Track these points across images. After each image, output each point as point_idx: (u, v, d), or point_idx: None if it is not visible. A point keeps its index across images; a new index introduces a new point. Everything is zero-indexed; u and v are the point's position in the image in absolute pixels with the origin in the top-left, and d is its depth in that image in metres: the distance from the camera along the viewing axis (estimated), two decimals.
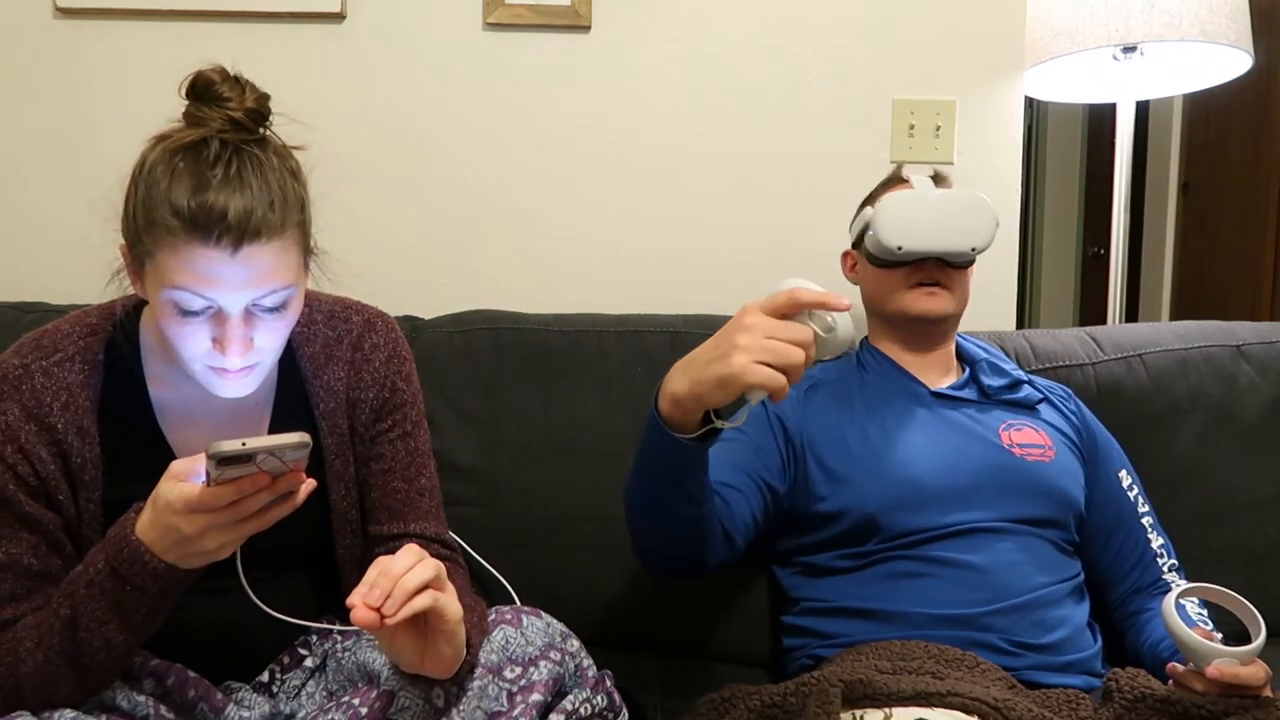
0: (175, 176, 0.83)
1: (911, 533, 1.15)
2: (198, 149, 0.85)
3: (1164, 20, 1.64)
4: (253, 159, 0.86)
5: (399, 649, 0.84)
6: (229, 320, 0.85)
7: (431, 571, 0.80)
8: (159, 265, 0.84)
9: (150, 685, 0.94)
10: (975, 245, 1.23)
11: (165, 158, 0.85)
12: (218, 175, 0.83)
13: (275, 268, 0.85)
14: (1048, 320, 3.96)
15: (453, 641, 0.85)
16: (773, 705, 0.96)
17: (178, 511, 0.79)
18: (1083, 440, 1.29)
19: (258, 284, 0.85)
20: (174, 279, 0.83)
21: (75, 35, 1.65)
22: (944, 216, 1.22)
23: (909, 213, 1.23)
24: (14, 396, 0.91)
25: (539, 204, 1.70)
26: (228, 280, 0.83)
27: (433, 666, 0.85)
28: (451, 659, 0.86)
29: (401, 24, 1.67)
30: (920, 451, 1.19)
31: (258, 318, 0.87)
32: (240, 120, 0.86)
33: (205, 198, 0.82)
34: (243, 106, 0.87)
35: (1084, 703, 1.01)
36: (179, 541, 0.81)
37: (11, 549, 0.90)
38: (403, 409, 1.06)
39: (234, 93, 0.87)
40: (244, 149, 0.86)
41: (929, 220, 1.22)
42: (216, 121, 0.85)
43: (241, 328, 0.86)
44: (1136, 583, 1.25)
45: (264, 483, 0.79)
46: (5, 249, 1.67)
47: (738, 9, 1.68)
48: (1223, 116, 2.81)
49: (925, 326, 1.28)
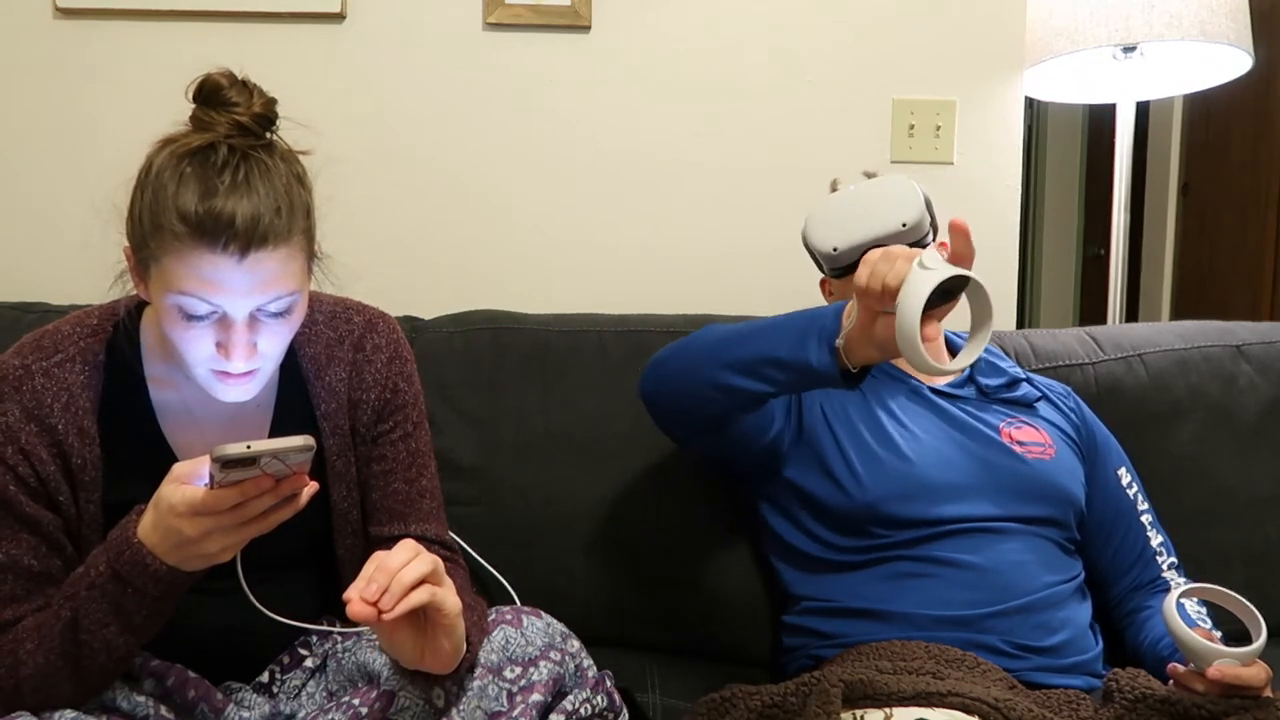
0: (183, 181, 0.83)
1: (912, 524, 1.14)
2: (205, 154, 0.84)
3: (1164, 20, 1.64)
4: (260, 165, 0.85)
5: (398, 644, 0.84)
6: (233, 325, 0.85)
7: (428, 566, 0.81)
8: (165, 270, 0.83)
9: (150, 686, 0.94)
10: (905, 221, 1.19)
11: (172, 162, 0.84)
12: (225, 181, 0.83)
13: (281, 274, 0.85)
14: (1048, 320, 3.96)
15: (452, 636, 0.85)
16: (773, 705, 0.96)
17: (180, 514, 0.79)
18: (1082, 438, 1.29)
19: (263, 290, 0.85)
20: (180, 284, 0.83)
21: (75, 35, 1.65)
22: (866, 206, 1.21)
23: (830, 214, 1.23)
24: (14, 397, 0.91)
25: (539, 204, 1.70)
26: (234, 286, 0.83)
27: (433, 662, 0.85)
28: (451, 654, 0.86)
29: (401, 24, 1.67)
30: (921, 445, 1.19)
31: (262, 323, 0.87)
32: (247, 125, 0.86)
33: (213, 204, 0.81)
34: (250, 111, 0.87)
35: (1084, 703, 1.01)
36: (181, 544, 0.81)
37: (12, 550, 0.90)
38: (404, 410, 1.06)
39: (241, 97, 0.87)
40: (251, 154, 0.85)
41: (852, 214, 1.21)
42: (223, 126, 0.85)
43: (246, 333, 0.86)
44: (1136, 581, 1.25)
45: (267, 486, 0.79)
46: (5, 249, 1.67)
47: (738, 9, 1.68)
48: (1223, 117, 2.81)
49: None
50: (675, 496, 1.36)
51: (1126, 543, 1.25)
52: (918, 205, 1.19)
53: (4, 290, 1.63)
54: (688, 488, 1.36)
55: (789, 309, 1.62)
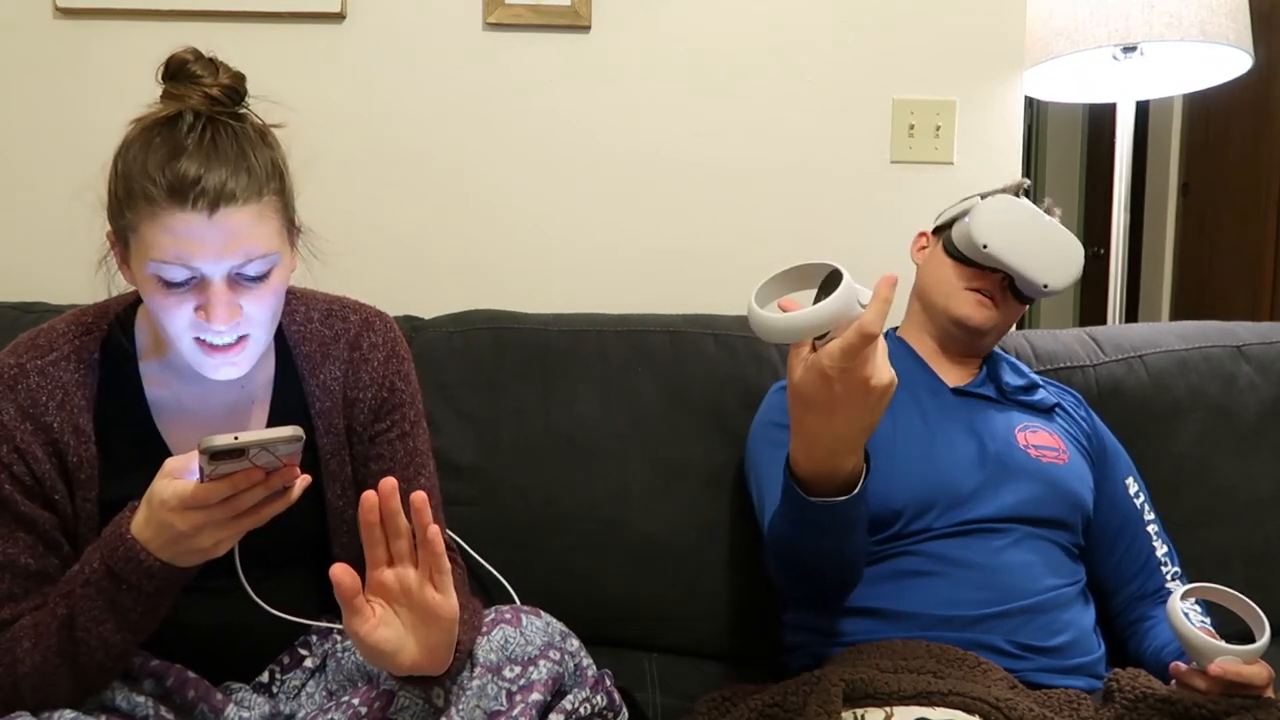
0: (152, 149, 0.85)
1: (925, 530, 1.14)
2: (173, 122, 0.86)
3: (1164, 20, 1.64)
4: (227, 128, 0.87)
5: (381, 646, 0.81)
6: (211, 285, 0.85)
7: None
8: (141, 238, 0.84)
9: (150, 686, 0.94)
10: (1049, 283, 1.21)
11: (141, 134, 0.86)
12: (191, 142, 0.85)
13: (253, 233, 0.86)
14: (1048, 320, 3.96)
15: (446, 635, 0.83)
16: (773, 705, 0.96)
17: (172, 509, 0.79)
18: (1093, 446, 1.29)
19: (236, 247, 0.85)
20: (155, 248, 0.84)
21: (75, 35, 1.65)
22: (1039, 241, 1.21)
23: (1010, 219, 1.21)
24: (9, 396, 0.91)
25: (539, 204, 1.70)
26: (206, 244, 0.83)
27: (427, 659, 0.83)
28: (444, 651, 0.84)
29: (401, 24, 1.67)
30: (942, 449, 1.19)
31: (242, 286, 0.87)
32: (216, 96, 0.88)
33: (179, 164, 0.83)
34: (218, 83, 0.88)
35: (1085, 702, 1.01)
36: (174, 539, 0.81)
37: (8, 549, 0.90)
38: (401, 409, 1.05)
39: (207, 71, 0.89)
40: (218, 119, 0.87)
41: (1025, 236, 1.21)
42: (193, 98, 0.87)
43: (226, 293, 0.86)
44: (1139, 589, 1.24)
45: (258, 478, 0.79)
46: (5, 249, 1.67)
47: (738, 9, 1.68)
48: (1222, 116, 2.81)
49: (964, 333, 1.26)
50: (675, 496, 1.36)
51: (1131, 551, 1.25)
52: (1071, 279, 1.22)
53: (4, 290, 1.62)
54: (688, 488, 1.36)
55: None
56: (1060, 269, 1.21)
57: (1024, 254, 1.21)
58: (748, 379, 1.41)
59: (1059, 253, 1.21)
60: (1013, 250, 1.20)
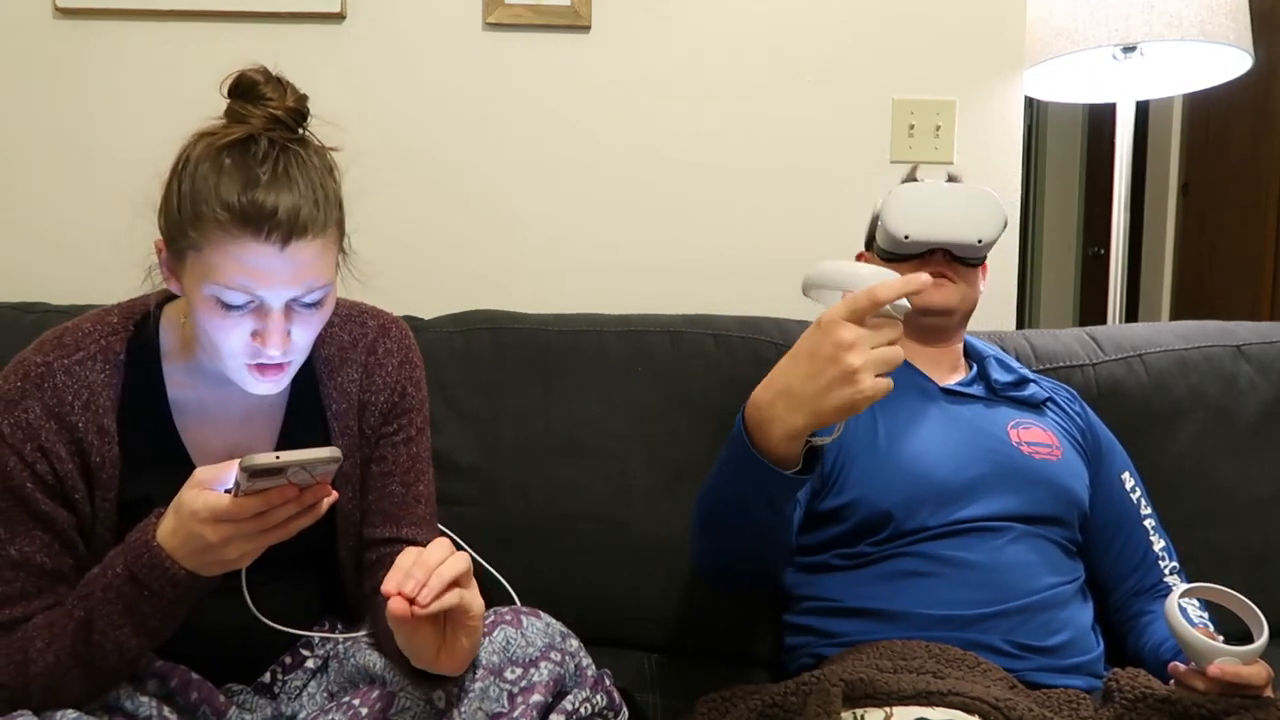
0: (224, 172, 0.84)
1: (920, 529, 1.14)
2: (244, 146, 0.86)
3: (1164, 20, 1.64)
4: (297, 157, 0.87)
5: (420, 643, 0.84)
6: (270, 314, 0.86)
7: (463, 565, 0.81)
8: (205, 259, 0.84)
9: (154, 687, 0.94)
10: (982, 237, 1.24)
11: (211, 154, 0.86)
12: (266, 173, 0.84)
13: (317, 265, 0.87)
14: (1048, 320, 3.96)
15: (473, 636, 0.85)
16: (773, 705, 0.96)
17: (203, 520, 0.79)
18: (1087, 441, 1.29)
19: (300, 279, 0.86)
20: (221, 273, 0.84)
21: (75, 35, 1.65)
22: (951, 208, 1.24)
23: (916, 203, 1.24)
24: (36, 395, 0.91)
25: (539, 204, 1.70)
26: (275, 275, 0.84)
27: (447, 662, 0.86)
28: (467, 654, 0.86)
29: (401, 24, 1.67)
30: (930, 448, 1.19)
31: (296, 313, 0.89)
32: (282, 119, 0.88)
33: (255, 195, 0.83)
34: (284, 105, 0.88)
35: (1084, 702, 1.01)
36: (201, 549, 0.81)
37: (25, 547, 0.90)
38: (409, 414, 1.06)
39: (276, 93, 0.89)
40: (289, 147, 0.88)
41: (936, 211, 1.24)
42: (259, 120, 0.87)
43: (282, 321, 0.87)
44: (1137, 585, 1.24)
45: (291, 495, 0.80)
46: (5, 249, 1.67)
47: (738, 9, 1.68)
48: (1222, 116, 2.81)
49: (932, 319, 1.27)
50: (675, 496, 1.36)
51: (1129, 547, 1.25)
52: (999, 225, 1.24)
53: (4, 290, 1.63)
54: (688, 488, 1.36)
55: (788, 308, 1.64)
56: (984, 221, 1.24)
57: (945, 225, 1.24)
58: (748, 379, 1.40)
59: (977, 207, 1.24)
60: (933, 226, 1.24)
